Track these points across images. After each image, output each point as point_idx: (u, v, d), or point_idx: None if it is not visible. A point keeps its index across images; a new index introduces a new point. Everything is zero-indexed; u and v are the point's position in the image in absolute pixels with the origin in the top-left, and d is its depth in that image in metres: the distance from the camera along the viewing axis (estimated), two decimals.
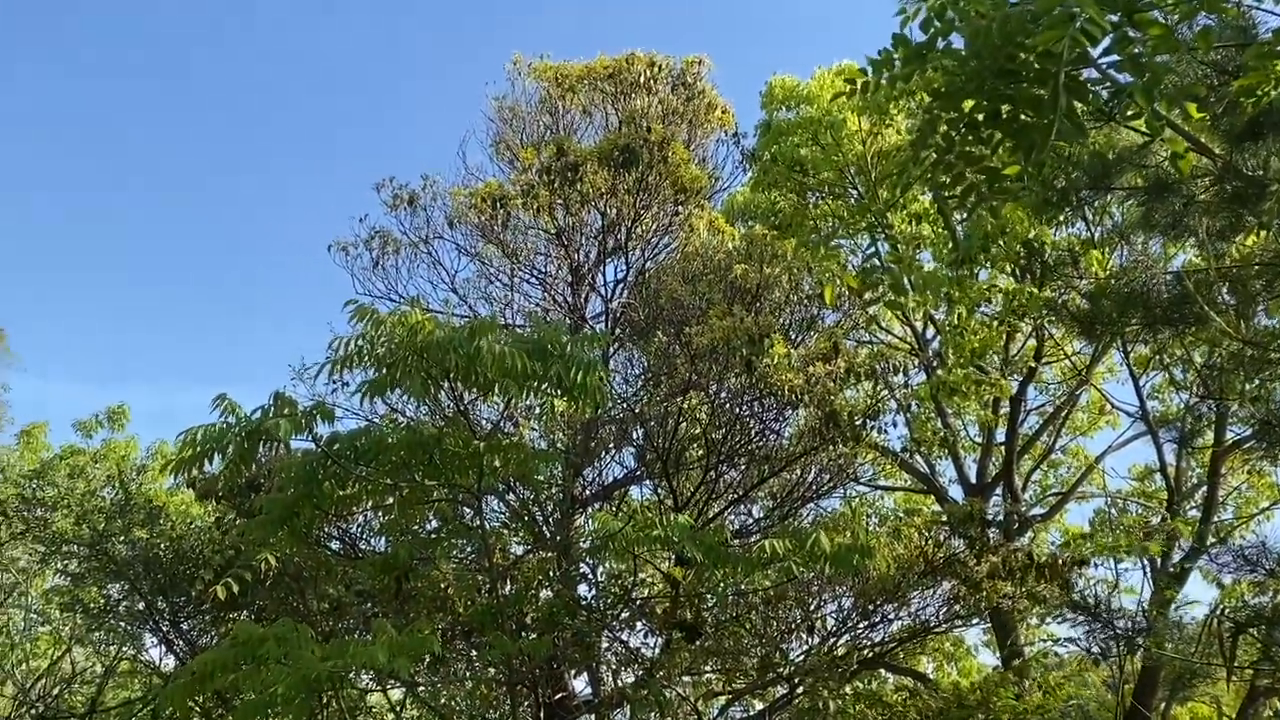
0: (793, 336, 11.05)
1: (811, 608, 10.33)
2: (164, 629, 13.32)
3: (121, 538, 13.03)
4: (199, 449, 7.32)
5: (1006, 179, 4.59)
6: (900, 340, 17.17)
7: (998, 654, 15.03)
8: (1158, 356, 14.38)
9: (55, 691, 15.93)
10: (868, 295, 11.35)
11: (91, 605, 14.45)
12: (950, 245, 11.48)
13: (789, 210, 14.84)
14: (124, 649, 15.63)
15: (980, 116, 4.16)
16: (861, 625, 10.58)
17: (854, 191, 15.81)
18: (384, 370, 7.67)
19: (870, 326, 16.17)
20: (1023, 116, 3.97)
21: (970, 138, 4.23)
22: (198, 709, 11.66)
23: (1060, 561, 10.38)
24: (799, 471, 11.06)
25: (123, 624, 14.30)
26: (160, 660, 15.51)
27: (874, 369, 10.46)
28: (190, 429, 7.32)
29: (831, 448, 10.63)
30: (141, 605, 13.17)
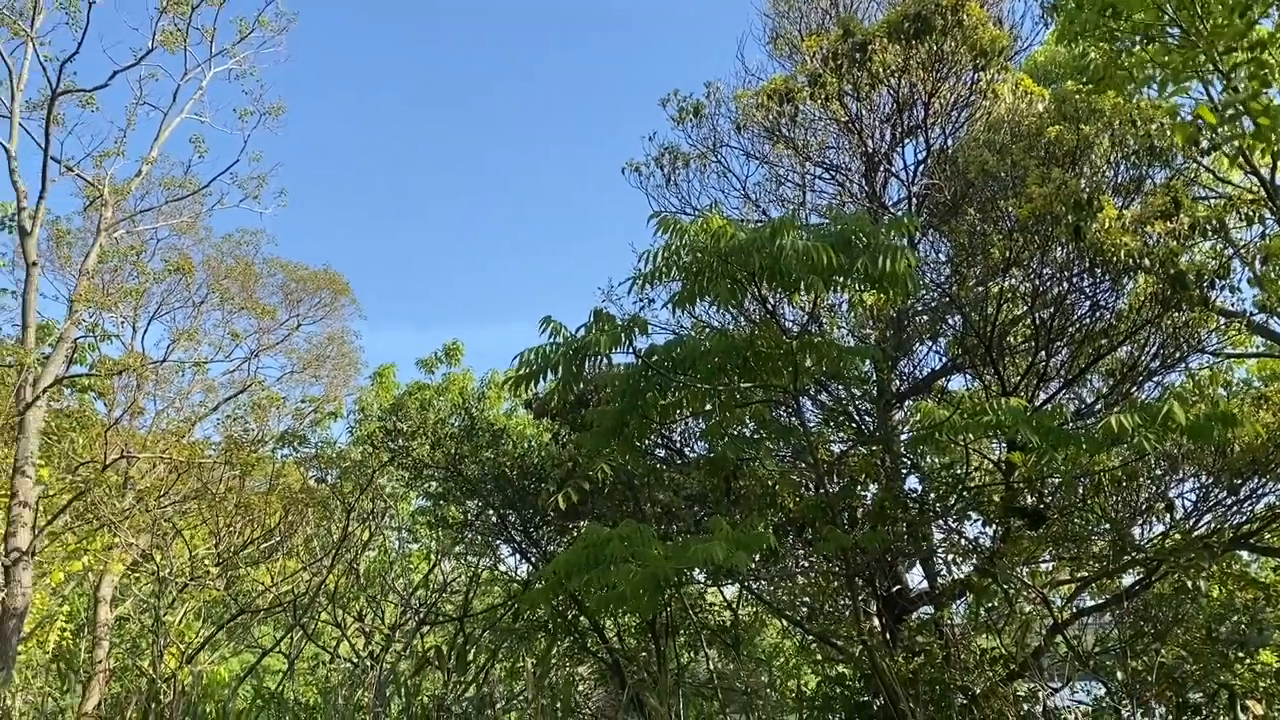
0: (1118, 202, 10.08)
1: (1166, 486, 9.54)
2: (517, 539, 14.53)
3: (471, 460, 14.25)
4: (533, 368, 7.82)
5: None
6: (1244, 191, 15.25)
7: None
8: None
9: (431, 600, 17.82)
10: (1204, 144, 10.13)
11: (452, 521, 16.02)
12: None
13: (1101, 62, 13.43)
14: (484, 560, 17.24)
15: None
16: (1228, 501, 9.66)
17: (1174, 31, 14.07)
18: (690, 280, 7.79)
19: (1207, 179, 14.45)
20: None
21: None
22: (556, 609, 12.71)
23: None
24: (1140, 345, 10.17)
25: (480, 537, 15.77)
26: (516, 568, 17.04)
27: (1221, 223, 9.33)
28: (524, 350, 7.86)
29: (1175, 314, 9.68)
30: (495, 519, 14.42)
